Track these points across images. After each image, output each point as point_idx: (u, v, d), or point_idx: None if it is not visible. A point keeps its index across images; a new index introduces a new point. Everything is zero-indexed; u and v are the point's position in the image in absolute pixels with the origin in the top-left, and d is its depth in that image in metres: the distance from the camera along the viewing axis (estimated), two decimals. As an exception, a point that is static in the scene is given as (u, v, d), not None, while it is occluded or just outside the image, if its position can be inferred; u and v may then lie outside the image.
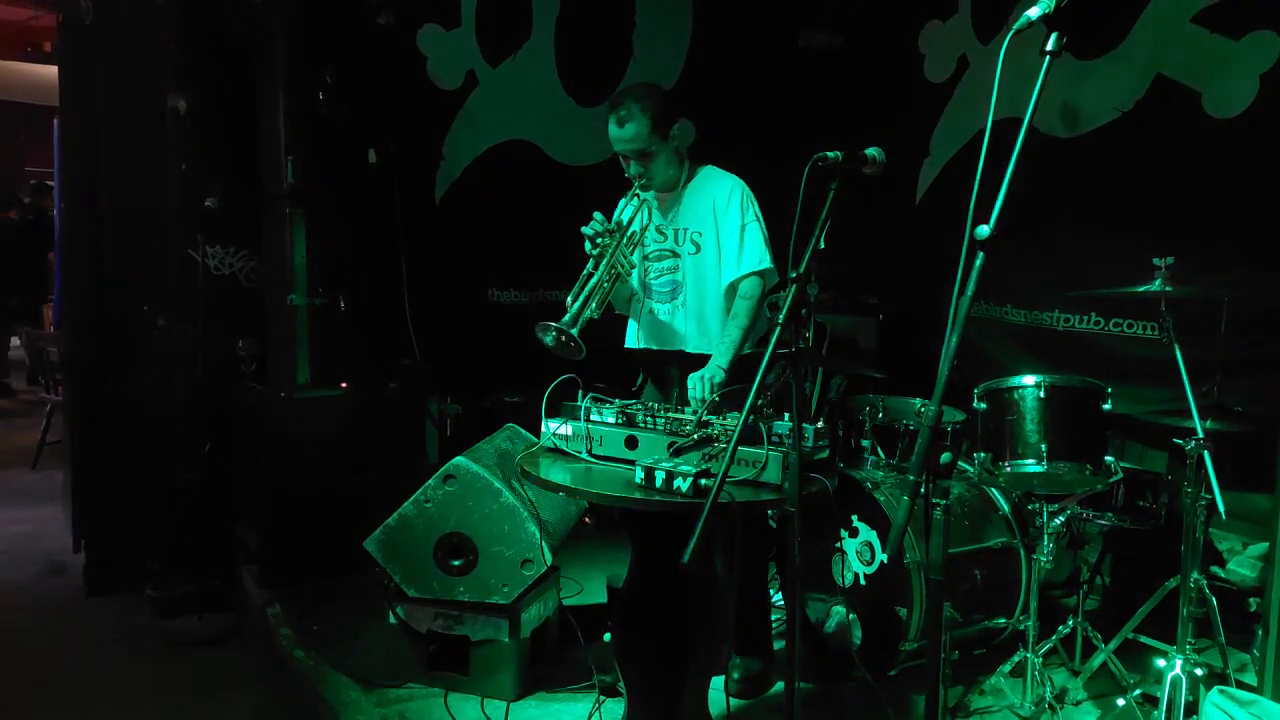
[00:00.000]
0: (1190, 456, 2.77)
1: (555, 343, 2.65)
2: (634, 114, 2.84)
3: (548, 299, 5.07)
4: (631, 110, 2.84)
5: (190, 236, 4.10)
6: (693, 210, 3.00)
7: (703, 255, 2.98)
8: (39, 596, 4.18)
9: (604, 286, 2.77)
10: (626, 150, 2.90)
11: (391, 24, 4.49)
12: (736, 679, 3.10)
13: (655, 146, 2.88)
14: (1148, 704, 2.88)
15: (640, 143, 2.86)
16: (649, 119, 2.84)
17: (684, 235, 3.02)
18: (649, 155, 2.89)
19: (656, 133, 2.87)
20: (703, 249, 2.98)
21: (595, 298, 2.72)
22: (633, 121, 2.84)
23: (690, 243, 3.01)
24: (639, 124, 2.84)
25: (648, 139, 2.86)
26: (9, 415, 8.16)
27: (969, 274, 1.62)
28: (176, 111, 4.15)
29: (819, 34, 5.53)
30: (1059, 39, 1.64)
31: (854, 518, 3.22)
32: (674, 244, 3.04)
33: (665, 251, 3.05)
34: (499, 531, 2.99)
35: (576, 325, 2.63)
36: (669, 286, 3.05)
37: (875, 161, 2.18)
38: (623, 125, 2.86)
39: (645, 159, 2.90)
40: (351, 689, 3.08)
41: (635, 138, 2.86)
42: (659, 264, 3.06)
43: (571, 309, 2.68)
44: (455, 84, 4.76)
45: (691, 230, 3.00)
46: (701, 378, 2.77)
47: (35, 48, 11.25)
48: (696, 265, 3.00)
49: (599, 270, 2.78)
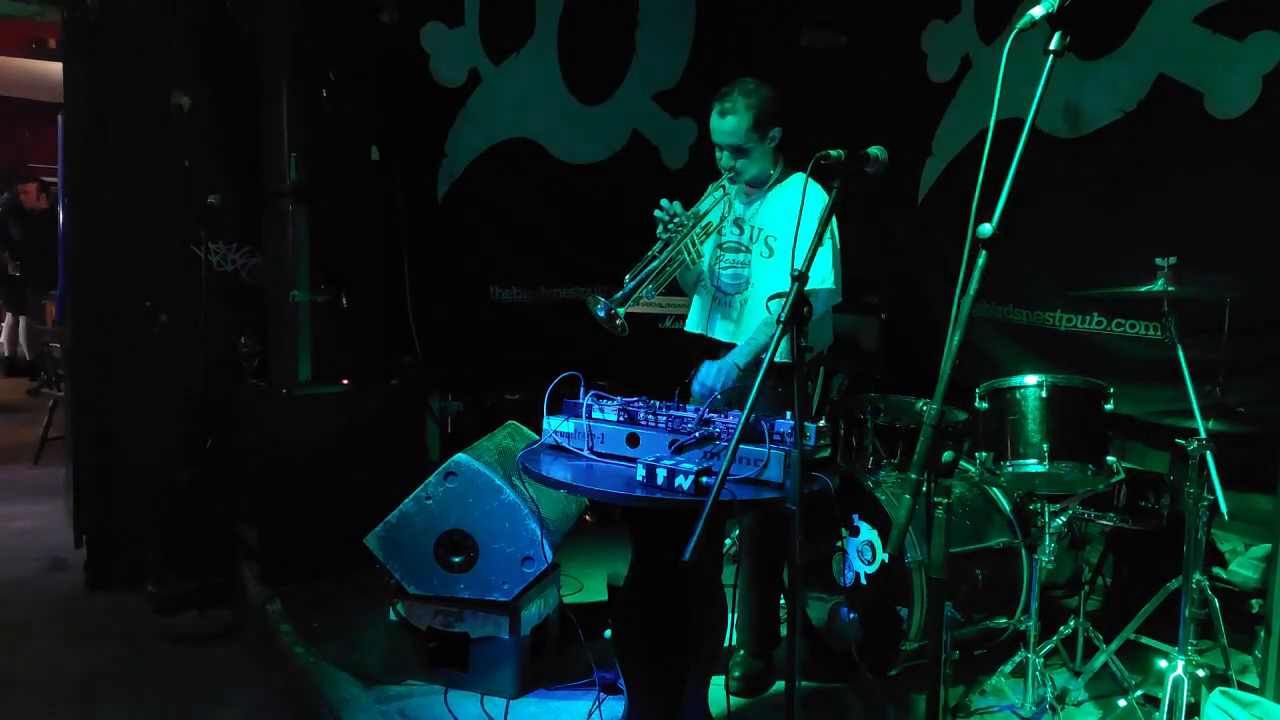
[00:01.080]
0: (1192, 457, 2.77)
1: (605, 315, 2.68)
2: (738, 108, 2.86)
3: (550, 297, 5.08)
4: (736, 104, 2.87)
5: (193, 233, 4.11)
6: (775, 214, 3.00)
7: (774, 260, 2.99)
8: (40, 592, 4.18)
9: (665, 271, 2.80)
10: (724, 142, 2.92)
11: (394, 21, 4.49)
12: (737, 677, 3.10)
13: (752, 144, 2.91)
14: (1149, 705, 2.88)
15: (738, 137, 2.89)
16: (752, 115, 2.86)
17: (759, 235, 3.03)
18: (744, 151, 2.91)
19: (756, 130, 2.89)
20: (775, 254, 2.98)
21: (651, 280, 2.75)
22: (735, 115, 2.87)
23: (765, 244, 3.01)
24: (741, 119, 2.86)
25: (746, 135, 2.88)
26: (11, 411, 8.16)
27: (971, 273, 1.62)
28: (180, 108, 4.15)
29: (821, 33, 5.52)
30: (1062, 38, 1.64)
31: (855, 517, 3.22)
32: (749, 240, 3.05)
33: (739, 244, 3.06)
34: (500, 528, 2.99)
35: (627, 304, 2.67)
36: (735, 279, 3.06)
37: (878, 160, 2.18)
38: (724, 116, 2.88)
39: (740, 154, 2.92)
40: (352, 686, 3.08)
41: (734, 131, 2.88)
42: (730, 255, 3.07)
43: (626, 286, 2.71)
44: (458, 82, 4.76)
45: (768, 233, 3.01)
46: (719, 369, 2.80)
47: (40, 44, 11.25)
48: (765, 268, 3.01)
49: (662, 255, 2.80)
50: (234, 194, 4.10)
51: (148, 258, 4.15)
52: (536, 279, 5.04)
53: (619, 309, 2.64)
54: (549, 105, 4.99)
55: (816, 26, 5.52)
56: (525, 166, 4.94)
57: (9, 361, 9.79)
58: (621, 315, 2.64)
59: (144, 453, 4.17)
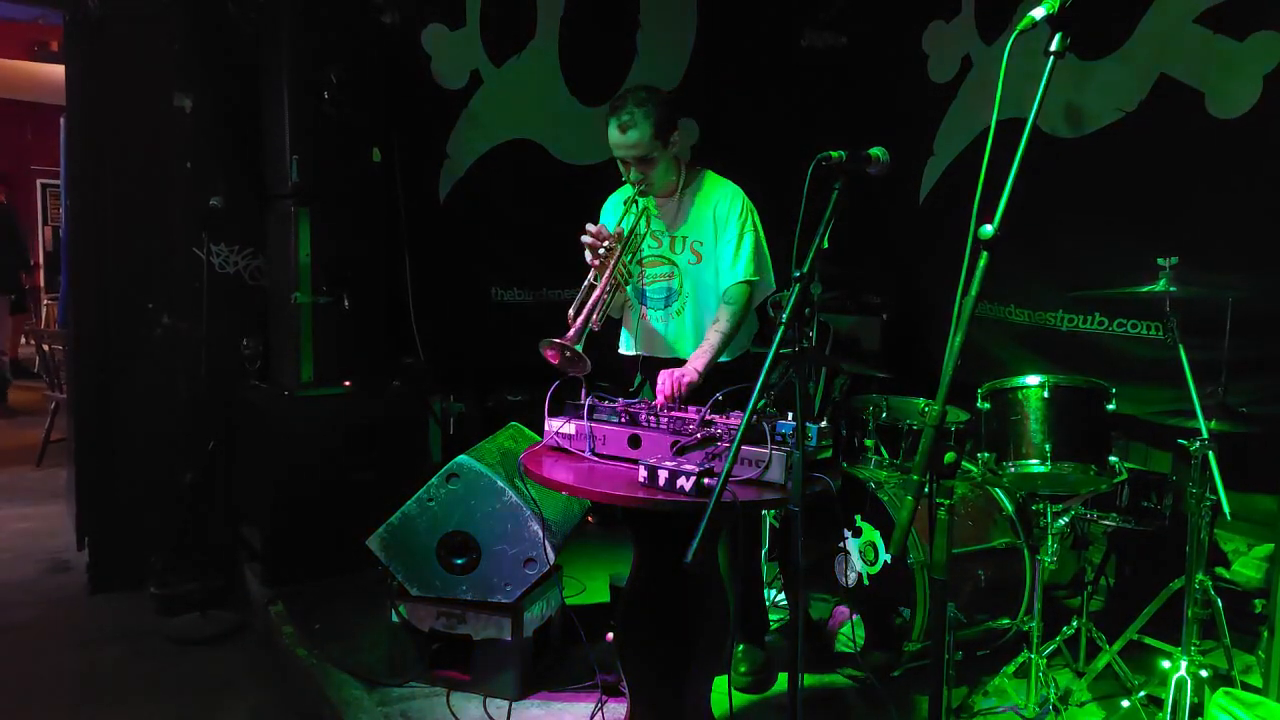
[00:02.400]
0: (1195, 457, 2.76)
1: (560, 359, 2.57)
2: (637, 119, 2.76)
3: (551, 298, 5.08)
4: (635, 115, 2.76)
5: (195, 235, 4.11)
6: (695, 218, 2.94)
7: (703, 265, 2.93)
8: (43, 594, 4.19)
9: (605, 298, 2.68)
10: (628, 156, 2.82)
11: (396, 23, 4.50)
12: (743, 672, 3.11)
13: (656, 153, 2.81)
14: (1152, 705, 2.88)
15: (643, 149, 2.78)
16: (652, 124, 2.76)
17: (684, 243, 2.95)
18: (650, 161, 2.82)
19: (659, 138, 2.79)
20: (704, 258, 2.93)
21: (598, 310, 2.63)
22: (635, 128, 2.76)
23: (691, 251, 2.94)
24: (641, 130, 2.76)
25: (649, 145, 2.78)
26: (14, 413, 8.17)
27: (973, 274, 1.62)
28: (182, 110, 4.16)
29: (822, 34, 5.53)
30: (1063, 39, 1.64)
31: (857, 517, 3.22)
32: (670, 251, 2.97)
33: (660, 258, 2.98)
34: (502, 530, 2.99)
35: (581, 340, 2.55)
36: (663, 293, 2.99)
37: (879, 161, 2.18)
38: (625, 131, 2.77)
39: (646, 165, 2.82)
40: (354, 687, 3.09)
41: (638, 144, 2.78)
42: (653, 270, 2.99)
43: (575, 324, 2.60)
44: (459, 83, 4.76)
45: (693, 239, 2.94)
46: (672, 375, 2.70)
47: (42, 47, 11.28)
48: (696, 274, 2.94)
49: (603, 282, 2.70)
50: (236, 196, 4.10)
51: (150, 260, 4.16)
52: (538, 280, 5.04)
53: (576, 345, 2.53)
54: (550, 107, 4.99)
55: (817, 27, 5.52)
56: (527, 168, 4.94)
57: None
58: (580, 352, 2.52)
59: (146, 455, 4.17)
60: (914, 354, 4.66)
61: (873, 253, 4.90)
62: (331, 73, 3.86)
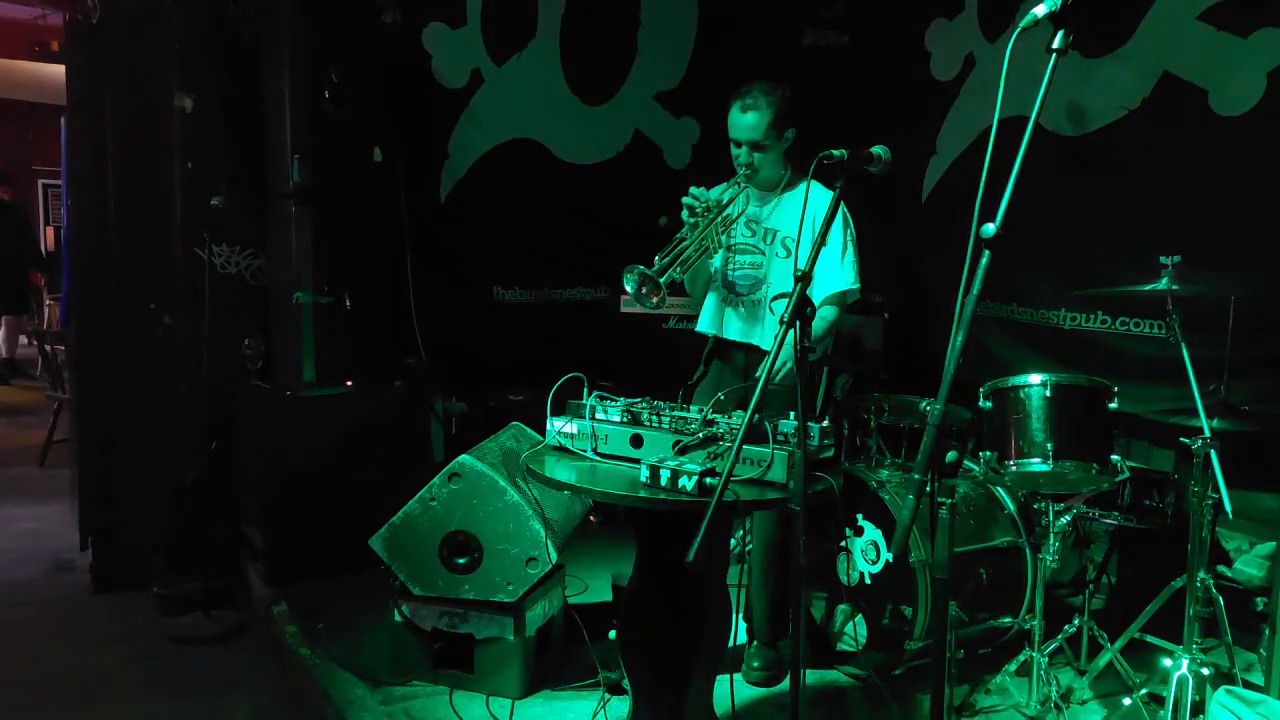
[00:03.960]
0: (1197, 455, 2.76)
1: (636, 286, 2.69)
2: (760, 104, 2.92)
3: (553, 297, 5.08)
4: (759, 100, 2.92)
5: (196, 235, 4.11)
6: (792, 217, 3.03)
7: (792, 261, 3.00)
8: (46, 593, 4.19)
9: (691, 256, 2.81)
10: (743, 137, 2.96)
11: (397, 22, 4.50)
12: (756, 667, 3.12)
13: (770, 141, 2.96)
14: (1154, 703, 2.88)
15: (759, 133, 2.94)
16: (773, 113, 2.92)
17: (775, 237, 3.07)
18: (762, 148, 2.96)
19: (775, 128, 2.94)
20: (794, 255, 3.00)
21: (681, 262, 2.76)
22: (757, 111, 2.92)
23: (781, 246, 3.06)
24: (763, 115, 2.92)
25: (766, 132, 2.94)
26: (17, 413, 8.18)
27: (975, 272, 1.62)
28: (183, 110, 4.16)
29: (824, 33, 5.52)
30: (1065, 37, 1.64)
31: (859, 516, 3.21)
32: (762, 242, 3.09)
33: (751, 246, 3.11)
34: (504, 530, 2.99)
35: (664, 276, 2.68)
36: (750, 281, 3.11)
37: (881, 160, 2.18)
38: (746, 112, 2.93)
39: (758, 149, 2.96)
40: (357, 686, 3.09)
41: (755, 127, 2.93)
42: (743, 257, 3.12)
43: (659, 262, 2.72)
44: (460, 82, 4.76)
45: (784, 234, 3.05)
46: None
47: (43, 47, 11.30)
48: (784, 269, 3.04)
49: (691, 239, 2.82)
50: (237, 196, 4.09)
51: (151, 260, 4.16)
52: (540, 280, 5.05)
53: (659, 278, 2.66)
54: (551, 106, 4.99)
55: (819, 26, 5.52)
56: (528, 167, 4.94)
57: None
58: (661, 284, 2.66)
59: (149, 455, 4.17)
60: (916, 353, 4.66)
61: (874, 252, 4.87)
62: (332, 72, 3.86)
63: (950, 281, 1.66)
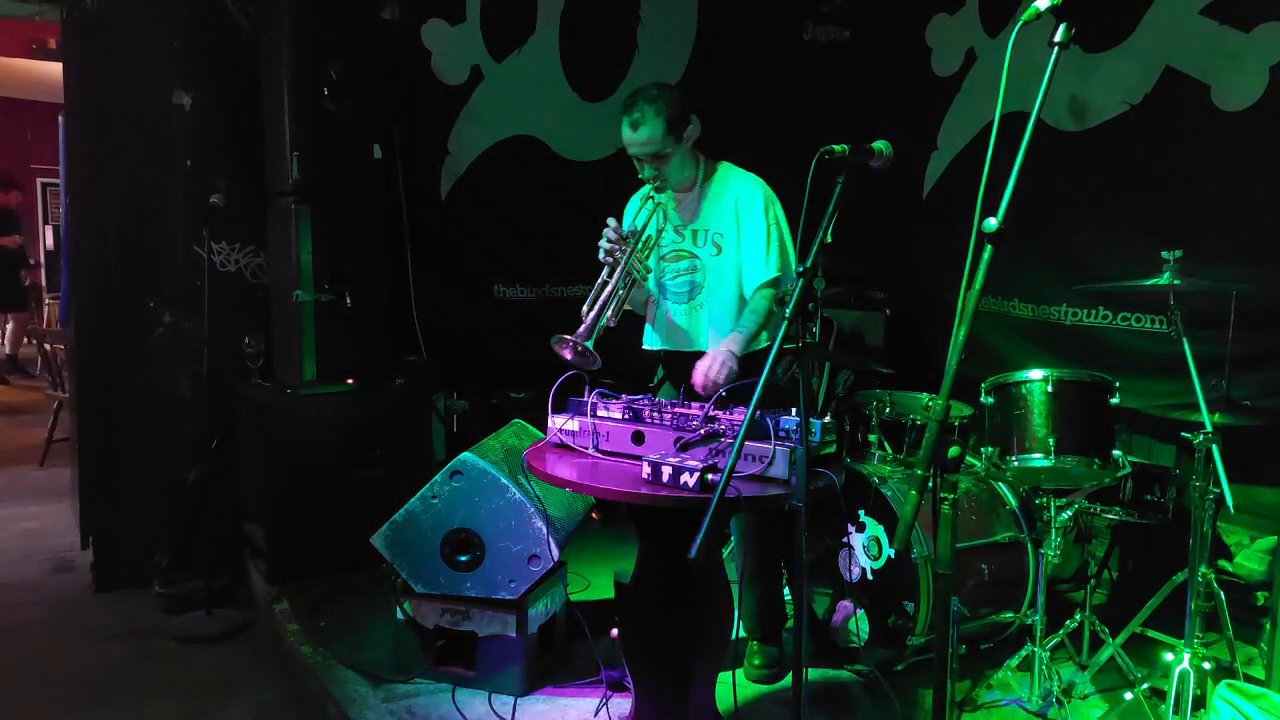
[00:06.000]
0: (1198, 450, 2.76)
1: (573, 355, 2.57)
2: (647, 116, 2.77)
3: (554, 295, 5.08)
4: (645, 112, 2.77)
5: (195, 233, 4.11)
6: (714, 211, 2.96)
7: (724, 257, 2.95)
8: (47, 593, 4.19)
9: (619, 294, 2.69)
10: (640, 153, 2.84)
11: (396, 19, 4.49)
12: (758, 665, 3.12)
13: (670, 148, 2.82)
14: (1155, 698, 2.88)
15: (655, 145, 2.80)
16: (663, 120, 2.78)
17: (705, 236, 2.98)
18: (664, 157, 2.83)
19: (671, 134, 2.80)
20: (724, 250, 2.95)
21: (610, 306, 2.65)
22: (646, 124, 2.77)
23: (711, 244, 2.96)
24: (653, 126, 2.77)
25: (662, 141, 2.79)
26: (17, 413, 8.18)
27: (976, 268, 1.61)
28: (181, 108, 4.16)
29: (825, 27, 5.52)
30: (1067, 31, 1.63)
31: (861, 512, 3.21)
32: (692, 245, 3.00)
33: (682, 252, 3.01)
34: (506, 527, 2.99)
35: (591, 336, 2.56)
36: (686, 287, 3.02)
37: (882, 155, 2.17)
38: (636, 128, 2.79)
39: (660, 161, 2.84)
40: (359, 684, 3.09)
41: (649, 140, 2.79)
42: (675, 264, 3.02)
43: (586, 319, 2.61)
44: (460, 79, 4.75)
45: (713, 231, 2.96)
46: (714, 356, 2.75)
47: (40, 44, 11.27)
48: (718, 266, 2.96)
49: (614, 279, 2.70)
50: (236, 194, 4.09)
51: (150, 258, 4.16)
52: (540, 277, 5.04)
53: (587, 341, 2.53)
54: (551, 102, 4.98)
55: (820, 21, 5.51)
56: (528, 164, 4.94)
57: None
58: (591, 349, 2.53)
59: (150, 453, 4.18)
60: (917, 348, 4.66)
61: (876, 247, 4.89)
62: (331, 69, 3.85)
63: (952, 277, 1.66)
